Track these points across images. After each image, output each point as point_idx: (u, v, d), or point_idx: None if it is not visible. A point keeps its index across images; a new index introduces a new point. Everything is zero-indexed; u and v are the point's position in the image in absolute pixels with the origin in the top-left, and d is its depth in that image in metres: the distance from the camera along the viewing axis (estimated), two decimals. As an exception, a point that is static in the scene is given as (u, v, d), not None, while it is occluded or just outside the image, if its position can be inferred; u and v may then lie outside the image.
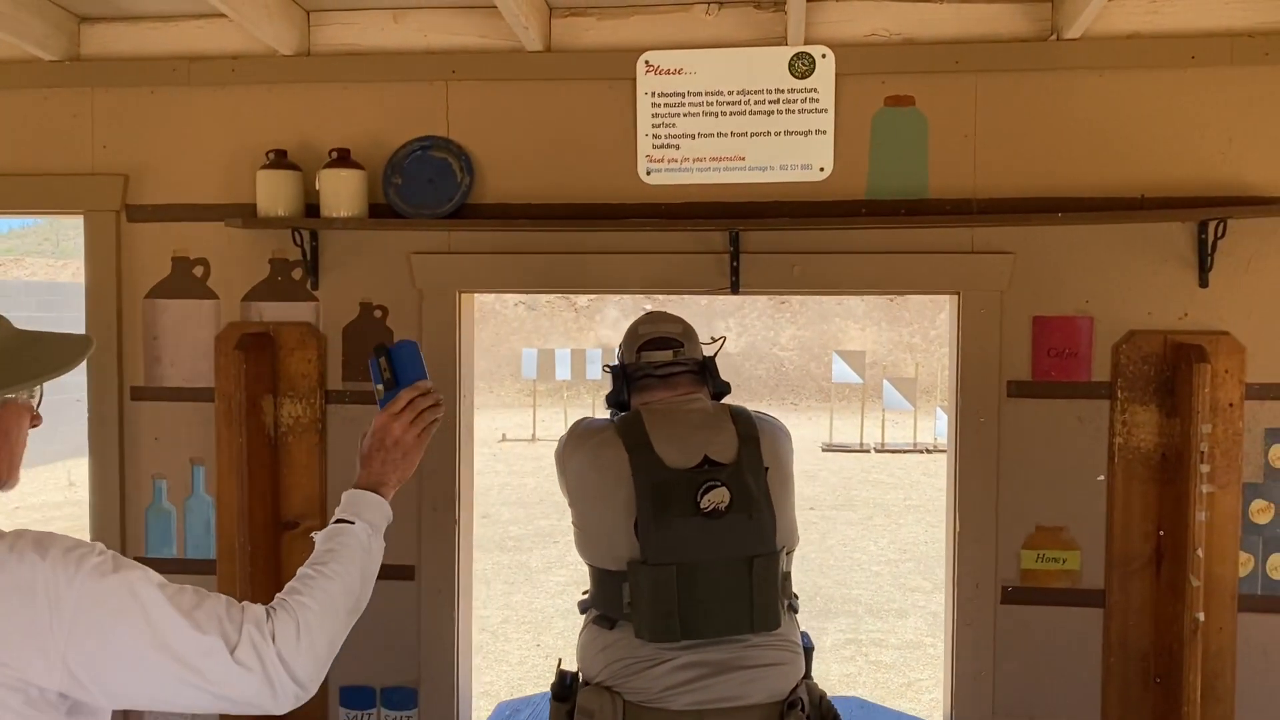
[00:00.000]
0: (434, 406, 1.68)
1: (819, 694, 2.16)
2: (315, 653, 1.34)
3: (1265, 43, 2.61)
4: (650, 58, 2.79)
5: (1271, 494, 2.67)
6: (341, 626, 1.42)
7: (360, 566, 1.47)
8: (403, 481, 1.65)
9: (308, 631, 1.33)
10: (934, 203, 2.75)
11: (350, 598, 1.43)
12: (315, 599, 1.38)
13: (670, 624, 2.06)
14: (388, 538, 1.60)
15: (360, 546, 1.49)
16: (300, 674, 1.31)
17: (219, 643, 1.27)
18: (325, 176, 2.78)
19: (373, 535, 1.52)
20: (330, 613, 1.38)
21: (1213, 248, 2.62)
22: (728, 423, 2.17)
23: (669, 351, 2.26)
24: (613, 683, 2.12)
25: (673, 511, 2.06)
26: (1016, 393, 2.75)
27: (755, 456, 2.12)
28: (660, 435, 2.14)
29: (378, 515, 1.55)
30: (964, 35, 2.73)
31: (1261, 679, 2.67)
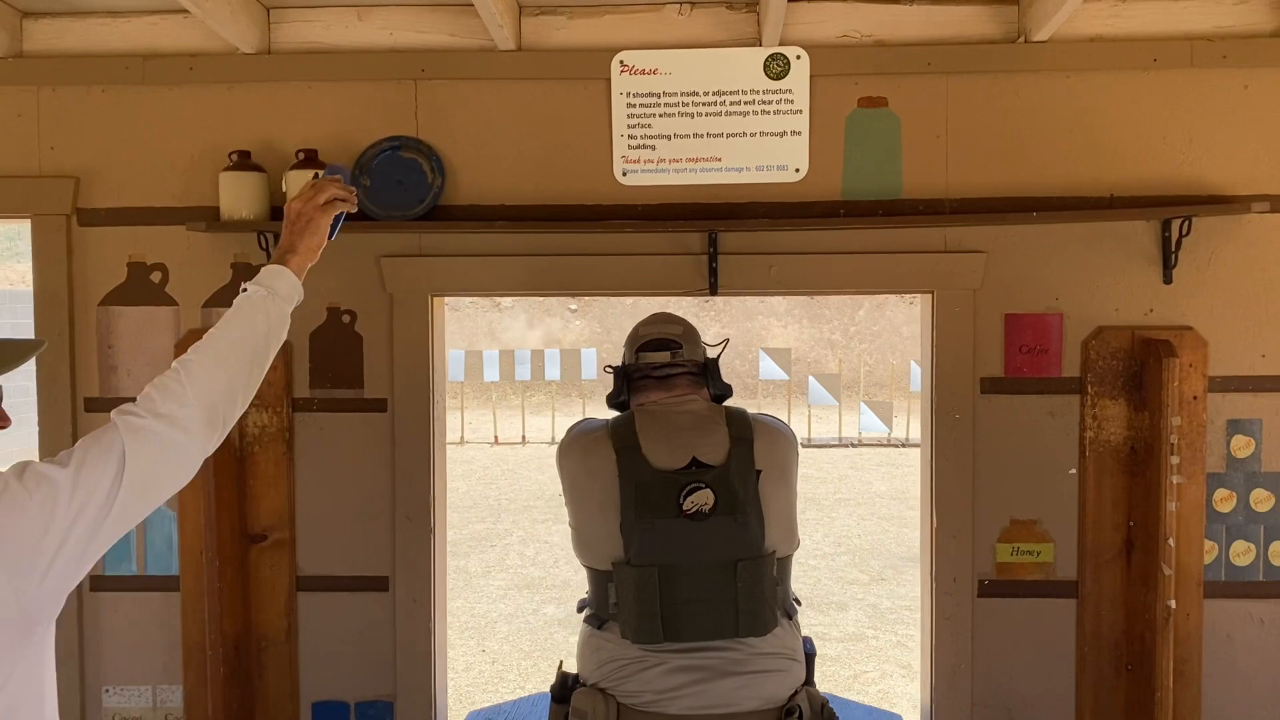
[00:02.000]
0: (341, 193, 1.80)
1: (820, 701, 2.15)
2: (208, 394, 1.49)
3: (1223, 46, 2.70)
4: (625, 57, 2.77)
5: (1233, 483, 2.76)
6: (236, 374, 1.55)
7: (248, 322, 1.60)
8: (311, 253, 1.76)
9: (191, 382, 1.49)
10: (908, 203, 2.78)
11: (240, 350, 1.56)
12: (199, 354, 1.54)
13: (653, 625, 2.05)
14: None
15: (251, 306, 1.61)
16: (190, 415, 1.47)
17: (112, 459, 1.39)
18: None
19: (270, 296, 1.63)
20: (218, 363, 1.53)
21: (1176, 245, 2.69)
22: (721, 425, 2.16)
23: (667, 353, 2.25)
24: (605, 684, 2.11)
25: (655, 513, 2.05)
26: (990, 389, 2.80)
27: (746, 459, 2.10)
28: (650, 436, 2.13)
29: (276, 280, 1.67)
30: (934, 37, 2.77)
31: (1226, 662, 2.76)
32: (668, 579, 2.05)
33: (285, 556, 2.87)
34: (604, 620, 2.15)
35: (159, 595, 2.90)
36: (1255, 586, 2.76)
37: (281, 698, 2.88)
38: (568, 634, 6.54)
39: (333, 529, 2.88)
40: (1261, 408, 2.74)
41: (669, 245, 2.80)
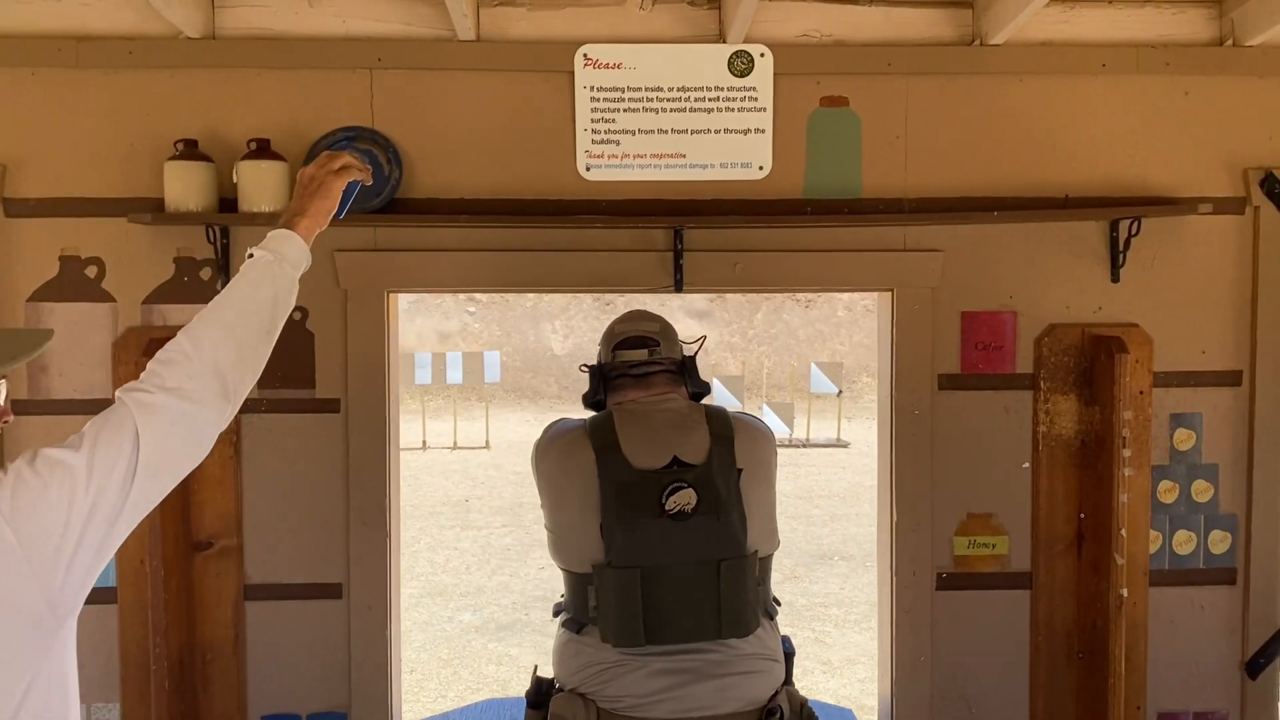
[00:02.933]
0: (356, 163, 1.76)
1: (800, 701, 2.16)
2: (218, 364, 1.43)
3: (1165, 53, 2.80)
4: (589, 51, 2.74)
5: (1176, 475, 2.86)
6: (245, 342, 1.49)
7: (254, 288, 1.53)
8: (321, 217, 1.69)
9: (199, 352, 1.43)
10: (868, 202, 2.81)
11: (248, 317, 1.50)
12: (205, 324, 1.47)
13: (634, 628, 2.02)
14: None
15: (258, 273, 1.54)
16: (201, 386, 1.41)
17: (126, 439, 1.33)
18: (244, 168, 2.58)
19: (277, 261, 1.56)
20: (226, 331, 1.46)
21: (1124, 245, 2.79)
22: (701, 423, 2.14)
23: (644, 350, 2.22)
24: (585, 689, 2.08)
25: (637, 513, 2.03)
26: (947, 385, 2.85)
27: (728, 457, 2.08)
28: (630, 436, 2.10)
29: (285, 245, 1.59)
30: (893, 38, 2.80)
31: (1170, 647, 2.87)
32: (650, 580, 2.02)
33: (232, 564, 2.75)
34: (583, 624, 2.11)
35: (92, 609, 2.68)
36: (1196, 574, 2.87)
37: (228, 712, 2.75)
38: (486, 641, 6.46)
39: (283, 535, 2.77)
40: (1202, 402, 2.86)
41: (633, 242, 2.78)
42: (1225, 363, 2.85)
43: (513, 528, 9.38)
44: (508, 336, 18.20)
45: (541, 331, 18.16)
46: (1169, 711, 2.87)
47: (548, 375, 17.47)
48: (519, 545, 8.75)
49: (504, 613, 7.01)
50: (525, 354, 17.81)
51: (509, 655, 6.23)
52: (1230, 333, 2.85)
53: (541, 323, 18.08)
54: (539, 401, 16.93)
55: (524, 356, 17.68)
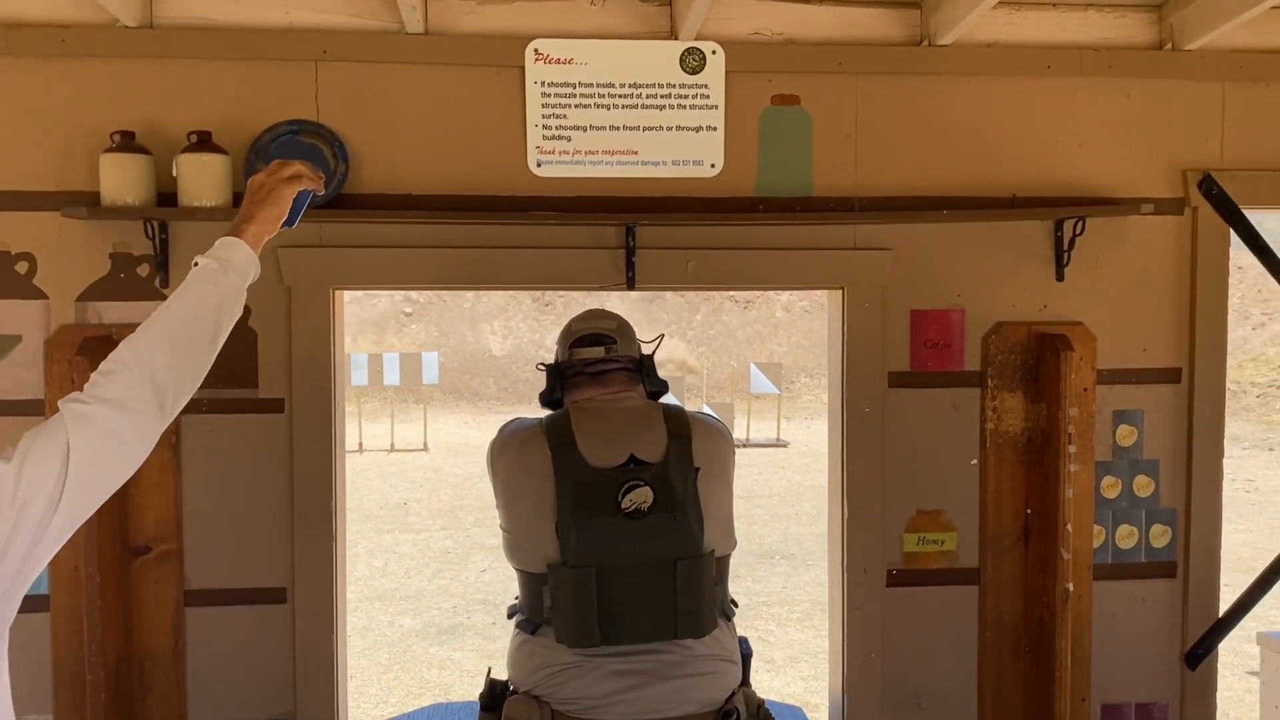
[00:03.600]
0: (307, 171, 1.74)
1: (756, 702, 2.14)
2: (157, 374, 1.41)
3: (1108, 56, 2.85)
4: (540, 45, 2.70)
5: (1119, 471, 2.92)
6: (186, 352, 1.47)
7: (198, 296, 1.51)
8: (270, 224, 1.67)
9: (139, 361, 1.41)
10: (819, 200, 2.82)
11: (191, 326, 1.49)
12: (146, 332, 1.46)
13: (589, 628, 2.00)
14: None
15: (203, 281, 1.53)
16: (138, 396, 1.39)
17: (56, 452, 1.32)
18: (184, 162, 2.51)
19: (223, 269, 1.55)
20: (167, 340, 1.45)
21: (1069, 245, 2.83)
22: (658, 421, 2.12)
23: (601, 348, 2.19)
24: (539, 691, 2.05)
25: (593, 512, 2.00)
26: (897, 383, 2.87)
27: (685, 456, 2.07)
28: (586, 433, 2.08)
29: (230, 252, 1.57)
30: (843, 38, 2.81)
31: (1113, 640, 2.92)
32: (605, 580, 1.99)
33: (172, 570, 2.66)
34: (537, 625, 2.08)
35: (22, 617, 2.57)
36: (1138, 568, 2.93)
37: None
38: (427, 645, 6.38)
39: (225, 539, 2.69)
40: (1143, 399, 2.91)
41: (585, 239, 2.75)
42: (1165, 360, 2.91)
43: (452, 530, 9.29)
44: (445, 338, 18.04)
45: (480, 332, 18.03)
46: (1112, 703, 2.92)
47: (486, 376, 17.34)
48: (459, 548, 8.66)
49: (445, 616, 6.93)
50: (464, 355, 17.66)
51: (451, 659, 6.16)
52: (1170, 331, 2.91)
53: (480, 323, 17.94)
54: (478, 403, 16.80)
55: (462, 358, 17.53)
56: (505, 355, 17.56)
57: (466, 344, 17.88)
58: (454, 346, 17.78)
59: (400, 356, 14.52)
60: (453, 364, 17.29)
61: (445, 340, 17.90)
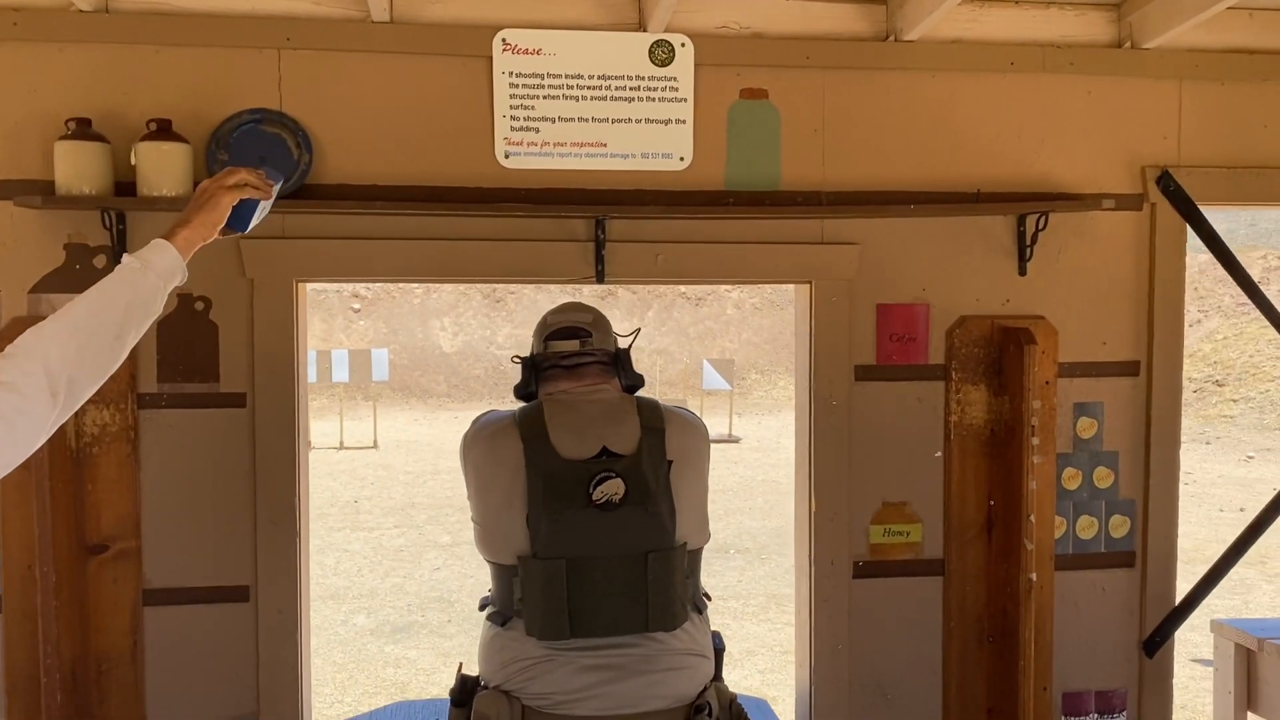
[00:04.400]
0: (253, 180, 1.74)
1: (729, 697, 2.13)
2: (53, 360, 1.42)
3: (1070, 54, 2.89)
4: (508, 35, 2.68)
5: (1079, 462, 2.96)
6: (89, 344, 1.48)
7: (111, 293, 1.53)
8: (205, 229, 1.69)
9: (39, 345, 1.43)
10: (787, 194, 2.83)
11: (96, 319, 1.49)
12: (53, 320, 1.48)
13: (559, 621, 1.98)
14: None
15: (120, 277, 1.55)
16: (30, 382, 1.39)
17: None
18: (144, 150, 2.44)
19: (142, 269, 1.56)
20: (70, 329, 1.46)
21: (1032, 240, 2.86)
22: (632, 413, 2.10)
23: (576, 341, 2.17)
24: (509, 686, 2.03)
25: (564, 503, 1.98)
26: (863, 376, 2.89)
27: (658, 448, 2.05)
28: (559, 426, 2.06)
29: (156, 254, 1.59)
30: (810, 32, 2.82)
31: (1073, 629, 2.96)
32: (576, 572, 1.98)
33: (130, 568, 2.60)
34: (508, 618, 2.06)
35: None
36: (1098, 558, 2.98)
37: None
38: (381, 644, 6.30)
39: (186, 536, 2.63)
40: (1103, 391, 2.96)
41: (554, 231, 2.73)
42: (1124, 353, 2.96)
43: (405, 528, 9.20)
44: (394, 334, 17.86)
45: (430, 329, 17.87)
46: (1073, 691, 2.97)
47: (437, 373, 17.20)
48: (412, 546, 8.58)
49: (399, 615, 6.86)
50: (413, 352, 17.49)
51: (406, 658, 6.09)
52: (1129, 324, 2.96)
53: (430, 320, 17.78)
54: (428, 400, 16.66)
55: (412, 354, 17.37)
56: (456, 352, 17.42)
57: (416, 340, 17.71)
58: (403, 343, 17.60)
59: (349, 353, 14.34)
60: (402, 361, 17.12)
61: (394, 337, 17.72)
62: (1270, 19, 2.95)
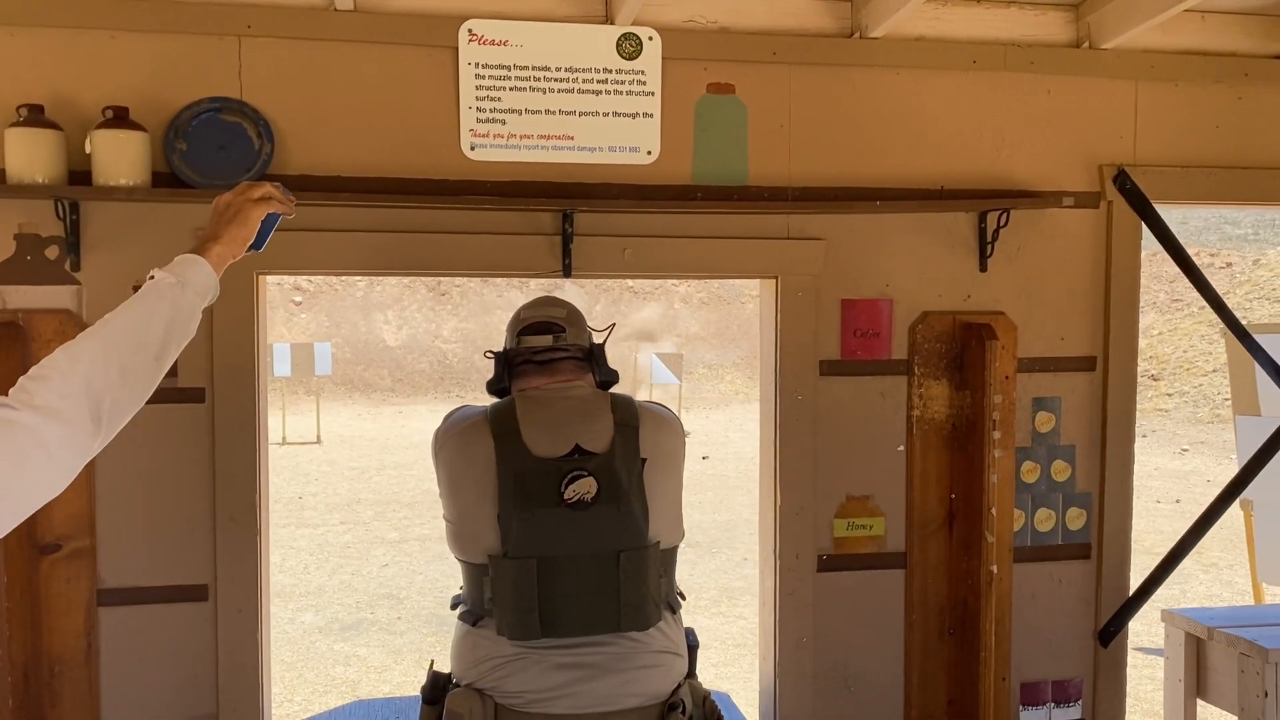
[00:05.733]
0: (278, 194, 1.69)
1: (703, 694, 2.13)
2: (94, 384, 1.31)
3: (1030, 53, 2.93)
4: (474, 26, 2.65)
5: (1037, 456, 3.01)
6: (130, 366, 1.37)
7: (150, 309, 1.42)
8: (236, 245, 1.62)
9: (75, 369, 1.31)
10: (753, 189, 2.83)
11: (137, 339, 1.39)
12: (88, 339, 1.36)
13: (530, 620, 1.96)
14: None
15: (158, 294, 1.44)
16: (72, 406, 1.28)
17: None
18: (100, 138, 2.38)
19: (179, 285, 1.46)
20: (109, 351, 1.35)
21: (993, 236, 2.90)
22: (605, 411, 2.08)
23: (549, 336, 2.14)
24: (482, 684, 2.01)
25: (535, 502, 1.96)
26: (828, 371, 2.90)
27: (631, 446, 2.03)
28: (531, 423, 2.04)
29: (191, 270, 1.50)
30: (774, 27, 2.83)
31: (1031, 620, 3.01)
32: (547, 571, 1.96)
33: (84, 568, 2.53)
34: (479, 617, 2.04)
35: None
36: (1056, 550, 3.03)
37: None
38: (331, 642, 6.22)
39: (142, 534, 2.57)
40: (1061, 386, 3.01)
41: (520, 224, 2.70)
42: (1081, 349, 3.01)
43: (351, 525, 9.09)
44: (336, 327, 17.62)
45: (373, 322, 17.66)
46: (1030, 681, 3.02)
47: (381, 367, 17.01)
48: (359, 543, 8.48)
49: (348, 612, 6.77)
50: (356, 346, 17.28)
51: (356, 656, 6.02)
52: (1086, 320, 3.01)
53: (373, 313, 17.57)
54: (372, 395, 16.47)
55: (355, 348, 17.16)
56: (400, 346, 17.24)
57: (359, 334, 17.49)
58: (346, 337, 17.38)
59: (291, 346, 14.11)
60: (345, 355, 16.91)
61: (337, 330, 17.48)
62: (1222, 22, 3.02)
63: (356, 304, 17.78)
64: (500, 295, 17.06)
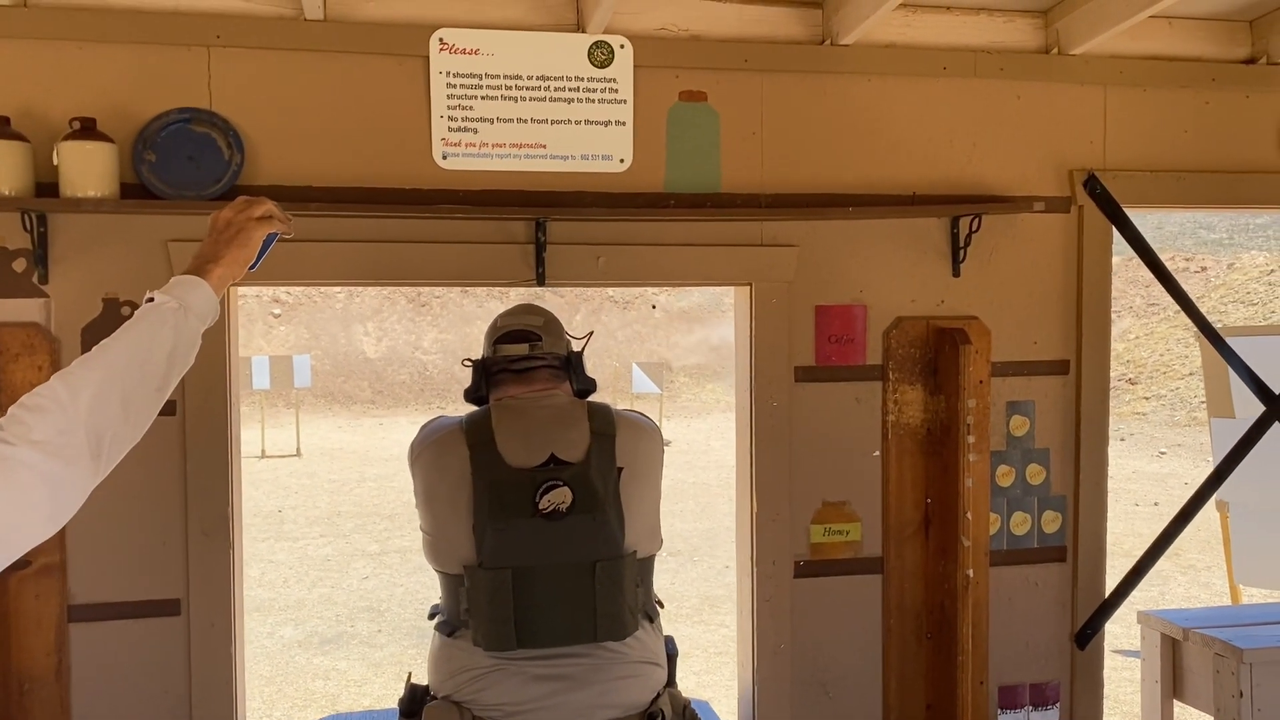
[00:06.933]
0: (278, 212, 1.65)
1: (682, 703, 2.12)
2: (95, 417, 1.25)
3: (999, 59, 2.95)
4: (445, 35, 2.64)
5: (1012, 460, 3.02)
6: (132, 396, 1.31)
7: (152, 336, 1.37)
8: (237, 266, 1.56)
9: (75, 401, 1.24)
10: (726, 197, 2.84)
11: (140, 368, 1.33)
12: (87, 369, 1.29)
13: (505, 631, 1.95)
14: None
15: (159, 319, 1.39)
16: (72, 442, 1.22)
17: None
18: (67, 150, 2.36)
19: (181, 310, 1.41)
20: (110, 380, 1.28)
21: (965, 241, 2.91)
22: (582, 419, 2.06)
23: (525, 345, 2.13)
24: (459, 697, 2.00)
25: (509, 512, 1.95)
26: (803, 377, 2.91)
27: (608, 455, 2.02)
28: (506, 432, 2.03)
29: (192, 293, 1.44)
30: (748, 35, 2.83)
31: (1008, 623, 3.02)
32: (522, 582, 1.94)
33: (54, 584, 2.50)
34: (456, 628, 2.03)
35: None
36: (1031, 553, 3.04)
37: (51, 747, 2.50)
38: (310, 656, 6.18)
39: (113, 549, 2.55)
40: (1034, 390, 3.02)
41: (493, 233, 2.70)
42: (1054, 353, 3.03)
43: (331, 537, 9.04)
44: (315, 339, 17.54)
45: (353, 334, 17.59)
46: (1008, 684, 3.03)
47: (361, 379, 16.94)
48: (339, 555, 8.43)
49: (327, 625, 6.73)
50: (336, 358, 17.21)
51: (336, 669, 5.98)
52: (1058, 324, 3.03)
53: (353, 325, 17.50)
54: (352, 406, 16.40)
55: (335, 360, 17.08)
56: (380, 357, 17.17)
57: (339, 346, 17.42)
58: (326, 349, 17.29)
59: (270, 359, 14.03)
60: (325, 367, 16.83)
61: (316, 342, 17.40)
62: (1189, 28, 3.05)
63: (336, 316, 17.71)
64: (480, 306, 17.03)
